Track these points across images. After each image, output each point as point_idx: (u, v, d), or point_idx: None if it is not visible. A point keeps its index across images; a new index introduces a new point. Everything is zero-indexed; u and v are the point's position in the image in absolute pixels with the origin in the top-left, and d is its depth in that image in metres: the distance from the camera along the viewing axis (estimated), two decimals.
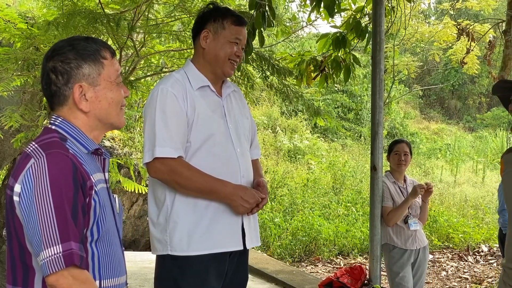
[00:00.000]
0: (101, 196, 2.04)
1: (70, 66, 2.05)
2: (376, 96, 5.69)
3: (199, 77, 3.16)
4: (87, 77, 2.07)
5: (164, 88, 3.05)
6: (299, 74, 7.18)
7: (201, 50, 3.19)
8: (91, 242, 2.02)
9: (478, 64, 18.40)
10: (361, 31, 6.67)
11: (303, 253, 10.29)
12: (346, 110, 21.04)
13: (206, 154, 3.07)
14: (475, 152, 20.87)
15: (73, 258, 1.86)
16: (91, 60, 2.08)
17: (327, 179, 13.56)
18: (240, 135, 3.24)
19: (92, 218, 2.00)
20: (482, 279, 9.12)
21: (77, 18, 5.90)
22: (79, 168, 1.95)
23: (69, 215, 1.88)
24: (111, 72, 2.13)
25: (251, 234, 3.21)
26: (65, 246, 1.85)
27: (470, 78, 27.47)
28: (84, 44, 2.10)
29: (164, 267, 3.11)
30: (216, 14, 3.19)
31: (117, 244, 2.16)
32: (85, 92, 2.07)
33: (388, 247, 5.41)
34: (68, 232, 1.87)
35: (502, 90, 3.24)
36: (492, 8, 19.50)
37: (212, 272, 3.06)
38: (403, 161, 5.49)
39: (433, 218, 11.63)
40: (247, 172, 3.20)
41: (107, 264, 2.07)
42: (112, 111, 2.14)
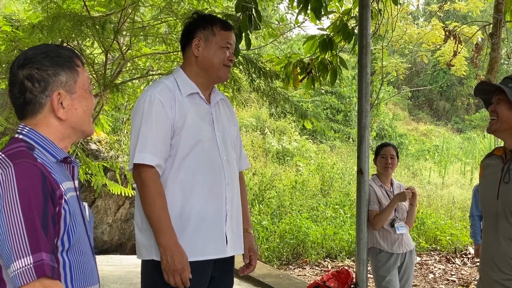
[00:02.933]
0: (71, 204, 2.01)
1: (47, 74, 2.03)
2: (363, 100, 5.66)
3: (189, 84, 3.17)
4: (64, 84, 2.05)
5: (152, 95, 3.06)
6: (286, 77, 7.17)
7: (193, 58, 3.20)
8: (62, 252, 1.99)
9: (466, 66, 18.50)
10: (348, 33, 6.67)
11: (291, 256, 10.28)
12: (335, 112, 21.05)
13: (192, 161, 3.07)
14: (463, 154, 20.94)
15: (44, 269, 1.83)
16: (67, 67, 2.06)
17: (315, 181, 13.55)
18: (227, 143, 3.25)
19: (63, 227, 1.97)
20: (469, 282, 9.14)
21: (62, 21, 5.86)
22: (48, 177, 1.92)
23: (39, 226, 1.85)
24: (85, 80, 2.12)
25: (234, 241, 3.20)
26: (35, 257, 1.82)
27: (459, 80, 27.57)
28: (58, 51, 2.07)
29: (148, 273, 3.11)
30: (204, 21, 3.22)
31: (89, 253, 2.13)
32: (62, 99, 2.05)
33: (374, 250, 5.40)
34: (38, 242, 1.83)
35: (484, 93, 3.27)
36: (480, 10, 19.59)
37: (196, 279, 3.04)
38: (389, 164, 5.48)
39: (421, 220, 11.65)
40: (231, 180, 3.21)
41: (79, 273, 2.04)
42: (86, 119, 2.13)
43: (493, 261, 3.08)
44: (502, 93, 3.07)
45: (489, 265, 3.12)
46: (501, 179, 3.07)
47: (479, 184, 3.37)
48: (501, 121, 3.08)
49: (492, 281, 3.08)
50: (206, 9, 7.09)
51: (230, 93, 7.34)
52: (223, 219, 3.13)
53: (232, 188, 3.21)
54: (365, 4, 5.70)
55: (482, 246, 3.25)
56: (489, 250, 3.14)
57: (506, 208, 3.00)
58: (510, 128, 3.02)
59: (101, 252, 9.72)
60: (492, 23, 7.50)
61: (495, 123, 3.13)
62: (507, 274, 2.99)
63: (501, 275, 3.02)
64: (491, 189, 3.14)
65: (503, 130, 3.08)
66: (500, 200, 3.05)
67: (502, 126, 3.07)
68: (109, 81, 6.61)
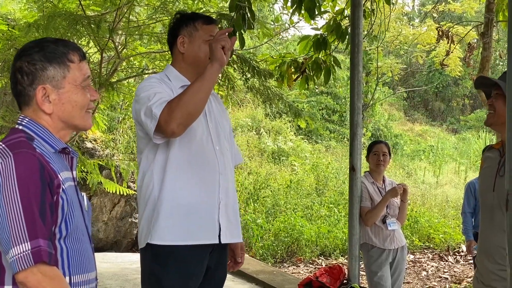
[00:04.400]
0: (68, 194, 2.07)
1: (35, 68, 2.08)
2: (355, 98, 5.75)
3: (180, 78, 3.24)
4: (51, 79, 2.10)
5: (150, 77, 3.20)
6: (280, 76, 7.23)
7: (180, 56, 3.28)
8: (60, 239, 2.05)
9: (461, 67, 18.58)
10: (341, 33, 6.73)
11: (285, 254, 10.35)
12: (330, 112, 21.11)
13: (185, 149, 3.14)
14: (458, 154, 21.01)
15: (41, 255, 1.89)
16: (56, 62, 2.11)
17: (310, 180, 13.61)
18: (220, 135, 3.32)
19: (60, 215, 2.03)
20: (461, 279, 9.21)
21: (57, 20, 5.92)
22: (46, 167, 1.99)
23: (37, 213, 1.91)
24: (77, 76, 2.15)
25: (230, 229, 3.26)
26: (33, 244, 1.89)
27: (454, 80, 27.63)
28: (53, 46, 2.12)
29: (145, 260, 3.19)
30: (186, 19, 3.30)
31: (86, 241, 2.19)
32: (48, 94, 2.10)
33: (366, 246, 5.46)
34: (36, 229, 1.90)
35: (484, 86, 3.35)
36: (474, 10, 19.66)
37: (192, 266, 3.12)
38: (381, 161, 5.54)
39: (414, 218, 11.72)
40: (225, 170, 3.27)
41: (76, 260, 2.10)
42: (75, 114, 2.16)
43: (489, 252, 3.16)
44: (500, 88, 3.14)
45: (486, 256, 3.20)
46: (497, 172, 3.15)
47: (479, 176, 3.46)
48: (498, 115, 3.16)
49: (488, 272, 3.16)
50: (201, 9, 7.15)
51: (224, 92, 7.39)
52: (216, 207, 3.19)
53: (226, 178, 3.28)
54: (357, 3, 5.78)
55: (479, 238, 3.34)
56: (485, 241, 3.23)
57: (501, 201, 3.07)
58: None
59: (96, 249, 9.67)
60: (484, 23, 7.59)
61: (492, 116, 3.22)
62: (501, 265, 3.05)
63: (496, 265, 3.09)
64: (488, 181, 3.23)
65: (500, 124, 3.15)
66: (496, 192, 3.13)
67: (499, 120, 3.15)
68: (104, 80, 6.67)
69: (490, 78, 3.37)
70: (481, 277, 3.25)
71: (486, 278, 3.19)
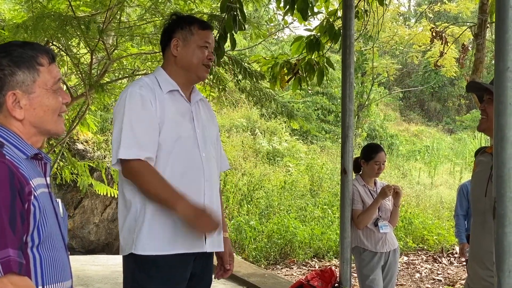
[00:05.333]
0: (41, 201, 2.00)
1: (3, 73, 2.02)
2: (346, 100, 5.70)
3: (169, 82, 3.19)
4: (21, 84, 2.03)
5: (133, 91, 3.09)
6: (273, 77, 7.20)
7: (172, 58, 3.22)
8: (32, 247, 1.99)
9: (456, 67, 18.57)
10: (334, 34, 6.69)
11: (278, 256, 10.32)
12: (326, 112, 21.11)
13: (171, 156, 3.09)
14: (453, 154, 21.02)
15: (11, 265, 1.84)
16: (25, 67, 2.04)
17: (305, 181, 13.59)
18: (207, 141, 3.27)
19: (32, 223, 1.97)
20: (455, 281, 9.20)
21: (46, 20, 5.87)
22: (16, 173, 1.92)
23: (6, 222, 1.85)
24: (47, 79, 2.09)
25: (213, 239, 3.22)
26: (2, 254, 1.83)
27: (450, 81, 27.65)
28: (20, 50, 2.06)
29: (128, 268, 3.13)
30: (182, 22, 3.24)
31: (62, 249, 2.13)
32: (19, 99, 2.03)
33: (358, 249, 5.42)
34: (5, 239, 1.84)
35: (476, 90, 3.32)
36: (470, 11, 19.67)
37: (176, 274, 3.08)
38: (381, 171, 5.51)
39: (409, 220, 11.71)
40: (210, 178, 3.23)
41: (50, 269, 2.04)
42: (48, 119, 2.10)
43: (480, 258, 3.13)
44: (491, 93, 3.10)
45: (477, 262, 3.16)
46: (489, 177, 3.10)
47: (471, 179, 3.42)
48: (490, 120, 3.11)
49: (479, 278, 3.12)
50: (193, 10, 7.10)
51: (216, 93, 7.35)
52: None
53: (211, 186, 3.23)
54: (348, 4, 5.74)
55: (470, 243, 3.30)
56: (476, 246, 3.19)
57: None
58: None
59: (87, 252, 9.73)
60: (477, 24, 7.55)
61: (484, 122, 3.18)
62: (491, 271, 3.01)
63: (487, 271, 3.05)
64: (480, 186, 3.19)
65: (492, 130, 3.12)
66: (487, 198, 3.08)
67: (491, 126, 3.10)
68: (94, 81, 6.62)
69: (481, 83, 3.35)
70: (471, 283, 3.22)
71: (477, 283, 3.15)
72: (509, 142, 2.29)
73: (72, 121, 7.34)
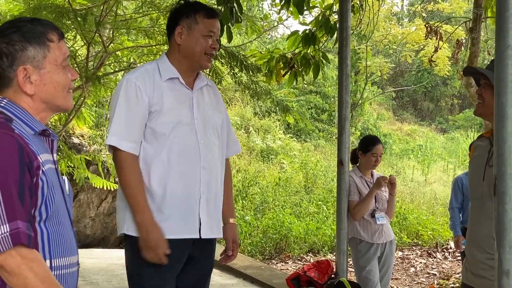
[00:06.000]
0: (49, 176, 2.02)
1: (14, 48, 2.03)
2: (343, 91, 5.72)
3: (170, 69, 3.23)
4: (31, 59, 2.05)
5: (130, 79, 3.14)
6: (269, 71, 7.22)
7: (176, 46, 3.26)
8: (40, 222, 2.00)
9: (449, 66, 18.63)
10: (330, 28, 6.72)
11: (274, 251, 10.35)
12: (319, 111, 21.15)
13: (167, 143, 3.14)
14: (446, 153, 21.10)
15: (20, 237, 1.86)
16: (36, 42, 2.05)
17: (299, 178, 13.62)
18: (207, 128, 3.28)
19: (40, 198, 1.99)
20: (450, 275, 9.25)
21: (43, 12, 5.88)
22: (25, 148, 1.94)
23: (15, 195, 1.87)
24: (57, 55, 2.10)
25: (211, 224, 3.25)
26: (12, 226, 1.85)
27: (443, 80, 27.75)
28: (30, 26, 2.07)
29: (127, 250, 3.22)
30: (188, 9, 3.25)
31: (68, 225, 2.15)
32: (29, 75, 2.05)
33: (355, 241, 5.45)
34: (14, 211, 1.86)
35: (473, 74, 3.36)
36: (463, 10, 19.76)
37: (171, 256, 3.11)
38: (378, 163, 5.55)
39: (403, 215, 11.76)
40: (209, 165, 3.25)
41: (57, 244, 2.06)
42: (58, 94, 2.12)
43: (478, 242, 3.16)
44: (487, 78, 3.14)
45: (475, 246, 3.19)
46: (487, 161, 3.14)
47: (469, 165, 3.45)
48: (487, 105, 3.16)
49: (477, 261, 3.15)
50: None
51: None
52: (196, 201, 3.18)
53: (210, 173, 3.24)
54: None
55: (469, 227, 3.33)
56: (475, 230, 3.22)
57: (491, 190, 3.06)
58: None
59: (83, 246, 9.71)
60: (472, 18, 7.61)
61: (481, 106, 3.21)
62: (491, 254, 3.04)
63: (485, 255, 3.08)
64: (478, 171, 3.21)
65: (489, 114, 3.14)
66: (485, 182, 3.11)
67: (488, 110, 3.14)
68: (91, 74, 6.63)
69: (477, 68, 3.39)
70: (470, 267, 3.24)
71: (475, 267, 3.18)
72: (510, 119, 2.31)
73: (68, 114, 7.33)
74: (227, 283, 6.85)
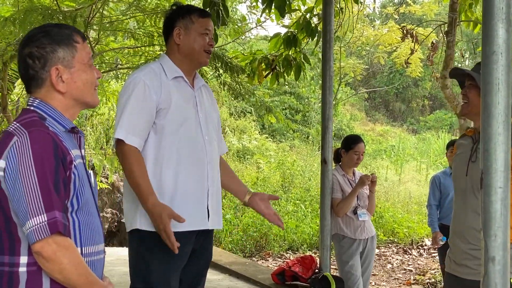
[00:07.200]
0: (79, 170, 2.19)
1: (45, 51, 2.19)
2: (326, 92, 5.93)
3: (174, 69, 3.36)
4: (62, 60, 2.21)
5: (138, 77, 3.27)
6: (251, 72, 7.38)
7: (175, 46, 3.40)
8: (72, 212, 2.16)
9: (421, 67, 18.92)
10: (311, 30, 6.90)
11: (254, 248, 10.48)
12: (293, 112, 21.32)
13: (175, 139, 3.26)
14: (418, 153, 21.39)
15: (57, 226, 2.01)
16: (64, 44, 2.22)
17: (276, 178, 13.77)
18: (209, 125, 3.45)
19: (72, 190, 2.15)
20: (425, 271, 9.46)
21: (33, 14, 5.96)
22: (59, 144, 2.10)
23: (52, 187, 2.03)
24: (83, 55, 2.28)
25: (215, 217, 3.41)
26: (49, 215, 2.00)
27: (414, 82, 28.08)
28: (57, 30, 2.24)
29: (134, 243, 3.30)
30: (182, 11, 3.41)
31: (95, 214, 2.31)
32: (61, 74, 2.21)
33: (338, 237, 5.59)
34: (51, 202, 2.02)
35: (459, 76, 3.52)
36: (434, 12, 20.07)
37: (179, 250, 3.22)
38: (359, 161, 5.68)
39: (379, 214, 11.95)
40: (212, 160, 3.40)
41: (87, 232, 2.22)
42: (86, 91, 2.29)
43: (462, 233, 3.31)
44: (473, 79, 3.30)
45: (459, 237, 3.34)
46: (470, 158, 3.31)
47: (453, 161, 3.61)
48: (472, 105, 3.31)
49: (461, 252, 3.30)
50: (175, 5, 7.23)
51: None
52: (205, 195, 3.33)
53: (213, 168, 3.40)
54: (328, 1, 5.98)
55: (452, 220, 3.48)
56: (458, 222, 3.37)
57: (474, 185, 3.24)
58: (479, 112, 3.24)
59: None
60: (448, 22, 7.85)
61: (466, 106, 3.36)
62: (473, 245, 3.21)
63: (469, 245, 3.25)
64: (461, 167, 3.37)
65: (474, 114, 3.31)
66: (468, 177, 3.28)
67: (473, 110, 3.30)
68: None
69: (463, 69, 3.51)
70: (453, 257, 3.40)
71: (459, 257, 3.33)
72: (495, 119, 2.47)
73: None
74: (213, 279, 6.97)
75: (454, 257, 3.40)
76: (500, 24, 2.45)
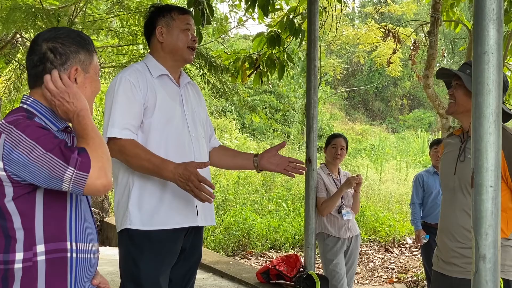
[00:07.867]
0: None
1: (70, 50, 2.23)
2: (311, 91, 5.94)
3: (158, 67, 3.39)
4: (82, 62, 2.25)
5: (123, 77, 3.28)
6: (235, 71, 7.39)
7: (159, 45, 3.42)
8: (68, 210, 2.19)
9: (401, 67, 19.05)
10: (295, 30, 6.92)
11: (237, 247, 10.49)
12: (273, 111, 21.37)
13: (162, 136, 3.27)
14: (398, 152, 21.55)
15: (83, 164, 2.00)
16: (86, 49, 2.27)
17: (258, 177, 13.80)
18: (196, 122, 3.46)
19: None
20: (407, 269, 9.53)
21: (17, 13, 5.93)
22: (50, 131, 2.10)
23: (61, 147, 2.01)
24: (96, 65, 2.33)
25: (205, 213, 3.42)
26: (72, 163, 1.99)
27: (393, 81, 28.28)
28: (79, 35, 2.29)
29: (122, 244, 3.29)
30: (162, 10, 3.45)
31: (88, 215, 2.32)
32: (77, 75, 2.24)
33: (322, 235, 5.62)
34: (66, 157, 1.99)
35: (445, 76, 3.55)
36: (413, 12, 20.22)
37: (167, 248, 3.24)
38: (338, 155, 5.70)
39: (361, 213, 12.00)
40: (200, 156, 3.41)
41: (81, 230, 2.23)
42: (91, 99, 2.32)
43: (450, 231, 3.34)
44: (460, 79, 3.34)
45: (446, 235, 3.36)
46: (458, 157, 3.34)
47: (441, 160, 3.64)
48: (458, 104, 3.35)
49: (448, 250, 3.33)
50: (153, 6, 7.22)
51: None
52: None
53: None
54: (313, 0, 5.99)
55: (440, 218, 3.50)
56: (446, 221, 3.40)
57: (462, 183, 3.27)
58: (466, 111, 3.26)
59: None
60: (430, 22, 7.91)
61: (453, 106, 3.39)
62: (461, 243, 3.24)
63: (456, 243, 3.27)
64: (449, 166, 3.41)
65: (460, 113, 3.35)
66: (457, 176, 3.32)
67: (459, 109, 3.34)
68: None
69: (450, 69, 3.53)
70: (441, 255, 3.42)
71: (446, 255, 3.36)
72: (486, 118, 2.50)
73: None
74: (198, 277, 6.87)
75: (442, 255, 3.42)
76: (491, 24, 2.48)
